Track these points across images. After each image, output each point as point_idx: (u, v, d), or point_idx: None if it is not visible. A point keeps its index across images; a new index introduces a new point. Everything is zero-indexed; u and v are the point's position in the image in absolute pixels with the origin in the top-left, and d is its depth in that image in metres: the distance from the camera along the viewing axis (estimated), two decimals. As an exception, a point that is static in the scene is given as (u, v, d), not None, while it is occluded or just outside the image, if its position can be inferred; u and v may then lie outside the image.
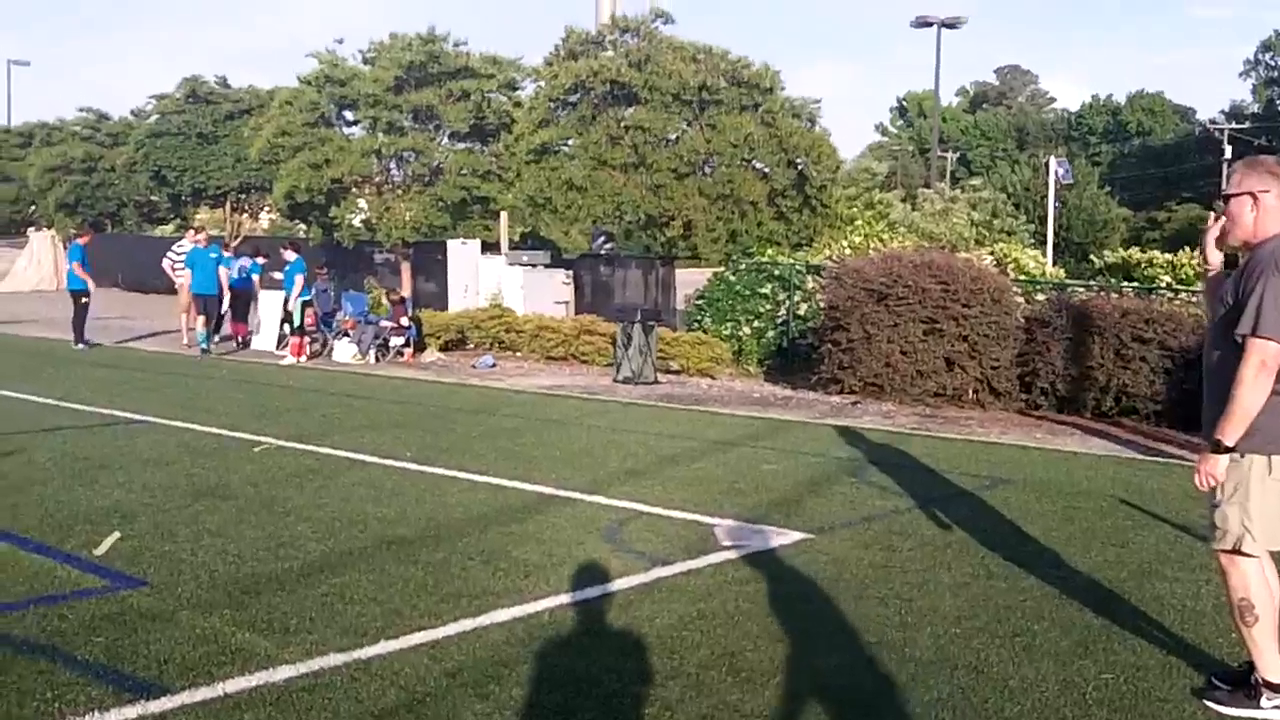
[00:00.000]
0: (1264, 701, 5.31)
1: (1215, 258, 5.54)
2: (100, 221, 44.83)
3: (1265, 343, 5.04)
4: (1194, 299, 16.65)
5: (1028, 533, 8.76)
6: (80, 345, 22.06)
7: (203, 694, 5.30)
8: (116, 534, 8.08)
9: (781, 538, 8.43)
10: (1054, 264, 29.00)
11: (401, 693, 5.37)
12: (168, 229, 48.24)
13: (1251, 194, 5.22)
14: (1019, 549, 8.27)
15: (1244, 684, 5.42)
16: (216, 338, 22.80)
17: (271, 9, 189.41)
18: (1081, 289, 17.69)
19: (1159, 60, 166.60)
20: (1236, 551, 5.32)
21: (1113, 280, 19.96)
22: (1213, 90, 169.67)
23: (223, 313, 23.12)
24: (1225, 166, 77.60)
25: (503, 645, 6.03)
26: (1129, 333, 14.57)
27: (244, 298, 23.59)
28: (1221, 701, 5.41)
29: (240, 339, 23.23)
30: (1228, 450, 5.21)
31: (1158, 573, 7.69)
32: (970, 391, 15.86)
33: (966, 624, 6.51)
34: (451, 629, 6.25)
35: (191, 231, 25.08)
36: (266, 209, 47.48)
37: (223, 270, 22.74)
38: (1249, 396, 5.09)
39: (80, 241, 22.92)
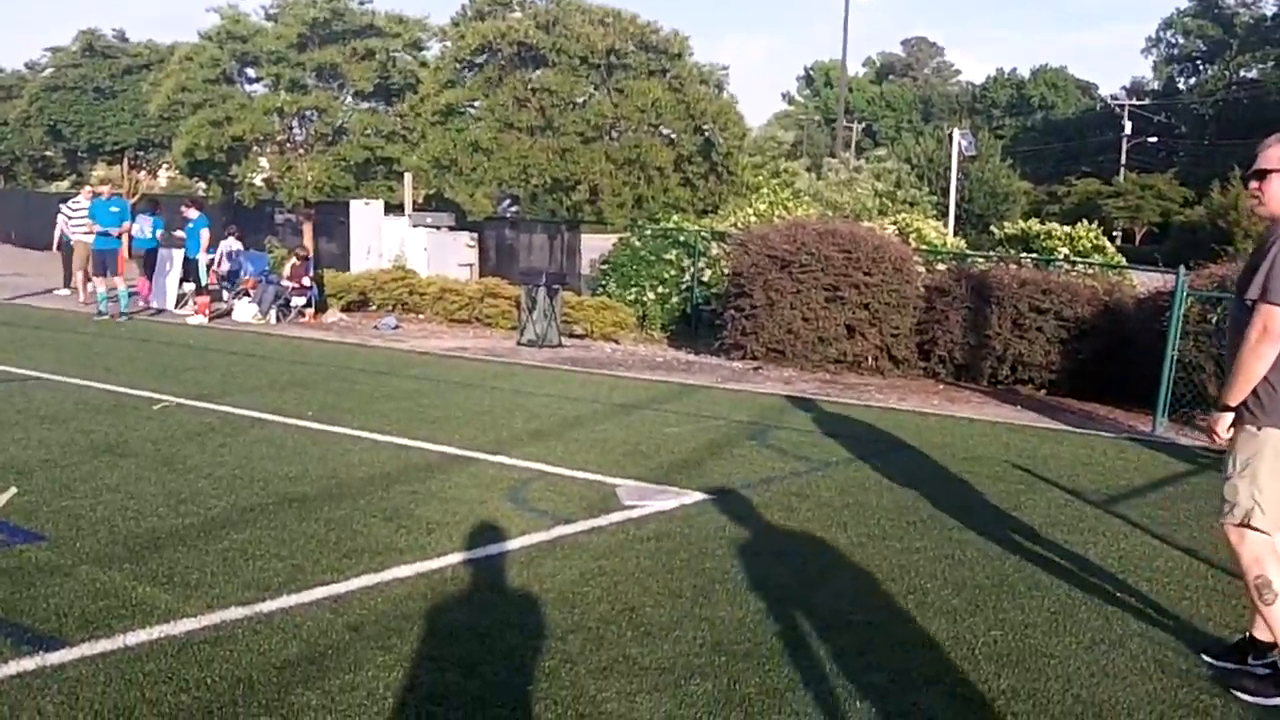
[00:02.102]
0: None
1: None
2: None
3: (1273, 308, 5.11)
4: (1090, 271, 17.00)
5: (923, 496, 8.93)
6: None
7: (102, 646, 5.28)
8: (13, 489, 7.98)
9: (683, 498, 8.53)
10: (955, 234, 29.40)
11: (303, 645, 5.39)
12: (63, 185, 47.32)
13: None
14: (914, 511, 8.44)
15: (1274, 671, 5.37)
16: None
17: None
18: (981, 259, 17.96)
19: (1063, 36, 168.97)
20: (1246, 525, 5.31)
21: (1012, 251, 20.29)
22: (1115, 67, 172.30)
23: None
24: (1125, 142, 79.17)
25: (405, 600, 6.07)
26: (1026, 303, 14.84)
27: (149, 256, 23.19)
28: (1249, 690, 5.29)
29: (145, 299, 22.84)
30: (1229, 409, 5.30)
31: (1047, 535, 7.90)
32: (870, 358, 16.07)
33: (861, 582, 6.65)
34: (354, 584, 6.27)
35: (88, 189, 24.59)
36: (165, 166, 46.80)
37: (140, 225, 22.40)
38: (1252, 360, 5.18)
39: None
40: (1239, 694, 5.26)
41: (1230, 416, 5.33)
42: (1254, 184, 5.37)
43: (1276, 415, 5.24)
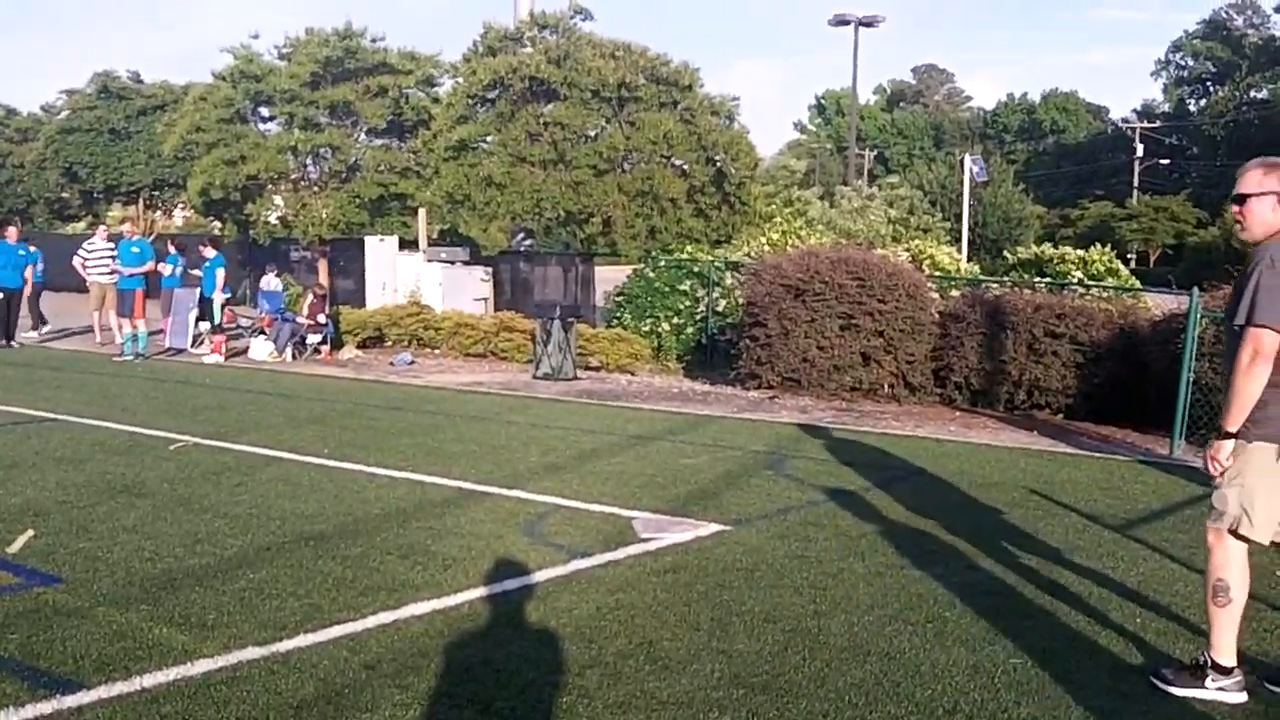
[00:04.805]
0: (1209, 682, 5.46)
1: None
2: (9, 218, 44.20)
3: (1260, 331, 5.22)
4: (1105, 294, 16.95)
5: (940, 523, 8.90)
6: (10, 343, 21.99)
7: (119, 688, 5.29)
8: (30, 532, 8.00)
9: (699, 529, 8.51)
10: (969, 260, 29.39)
11: (320, 685, 5.39)
12: (79, 226, 47.60)
13: (1277, 194, 5.36)
14: (932, 539, 8.41)
15: (1193, 666, 5.58)
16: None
17: (186, 5, 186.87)
18: (995, 285, 17.92)
19: (1073, 60, 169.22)
20: (1232, 533, 5.46)
21: (1026, 276, 20.23)
22: (1125, 90, 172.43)
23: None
24: (1137, 164, 79.14)
25: (421, 637, 6.06)
26: (1041, 327, 14.79)
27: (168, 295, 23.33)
28: (1168, 680, 5.55)
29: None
30: (1230, 436, 5.39)
31: (1066, 560, 7.86)
32: (886, 386, 16.03)
33: (880, 612, 6.62)
34: (370, 622, 6.27)
35: (103, 229, 24.76)
36: (181, 206, 47.02)
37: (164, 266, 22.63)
38: (1245, 384, 5.28)
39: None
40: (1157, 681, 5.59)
41: (1232, 444, 5.42)
42: (1235, 208, 5.52)
43: (1263, 428, 5.36)
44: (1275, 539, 5.49)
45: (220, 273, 20.91)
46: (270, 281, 23.04)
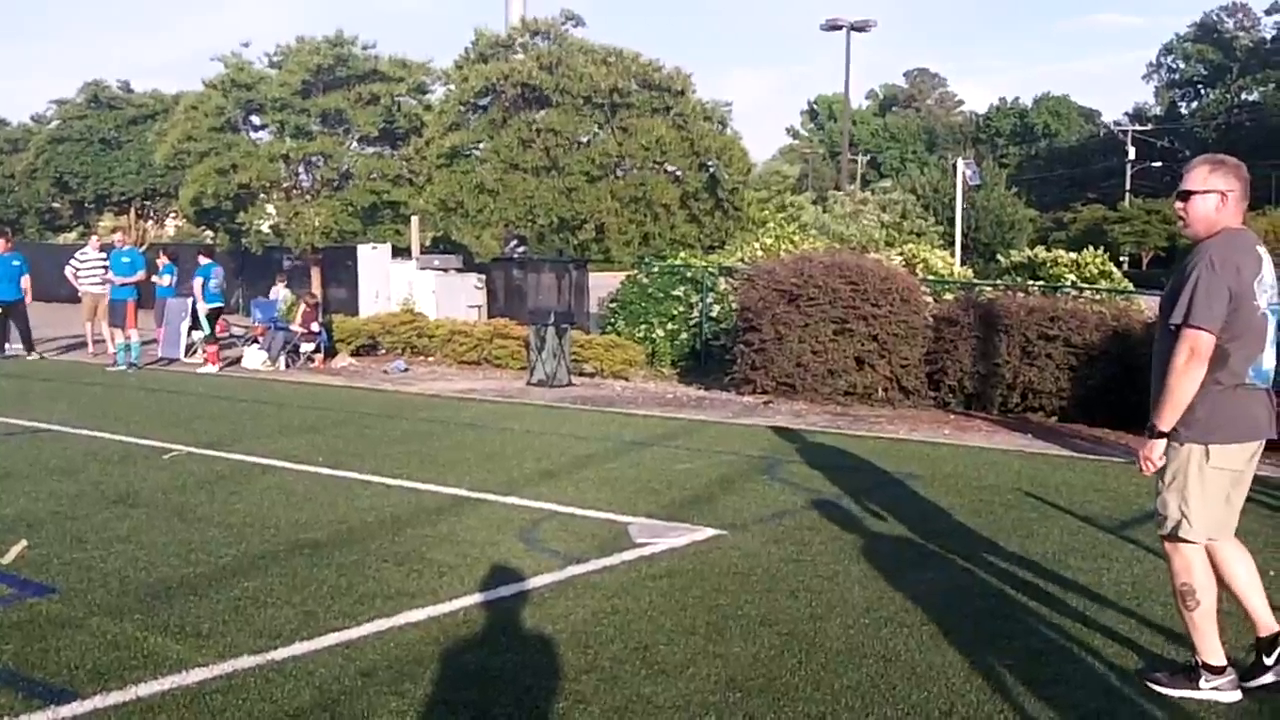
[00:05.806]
0: (1202, 683, 5.45)
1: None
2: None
3: (1196, 332, 5.19)
4: (1098, 296, 16.97)
5: (935, 526, 8.89)
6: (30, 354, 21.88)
7: (114, 698, 5.27)
8: (24, 543, 7.98)
9: (695, 534, 8.50)
10: (962, 264, 29.39)
11: (316, 692, 5.37)
12: (70, 236, 47.56)
13: (1221, 193, 5.33)
14: (927, 542, 8.41)
15: (1187, 668, 5.59)
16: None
17: (176, 14, 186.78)
18: (989, 288, 17.94)
19: (1065, 64, 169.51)
20: (1177, 538, 5.48)
21: (1019, 279, 20.26)
22: (1117, 93, 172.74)
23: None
24: (1129, 167, 79.25)
25: (417, 644, 6.05)
26: (1035, 330, 14.81)
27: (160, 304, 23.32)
28: (1162, 682, 5.56)
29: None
30: (1161, 435, 5.40)
31: (1061, 563, 7.85)
32: (880, 390, 16.04)
33: (875, 614, 6.62)
34: (366, 629, 6.25)
35: (95, 239, 24.76)
36: (173, 215, 47.01)
37: (157, 277, 22.62)
38: (1180, 384, 5.26)
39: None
40: (1151, 684, 5.59)
41: (1164, 443, 5.43)
42: (1179, 205, 5.48)
43: (1196, 430, 5.36)
44: (1211, 538, 5.49)
45: (198, 281, 20.82)
46: (279, 291, 23.09)
